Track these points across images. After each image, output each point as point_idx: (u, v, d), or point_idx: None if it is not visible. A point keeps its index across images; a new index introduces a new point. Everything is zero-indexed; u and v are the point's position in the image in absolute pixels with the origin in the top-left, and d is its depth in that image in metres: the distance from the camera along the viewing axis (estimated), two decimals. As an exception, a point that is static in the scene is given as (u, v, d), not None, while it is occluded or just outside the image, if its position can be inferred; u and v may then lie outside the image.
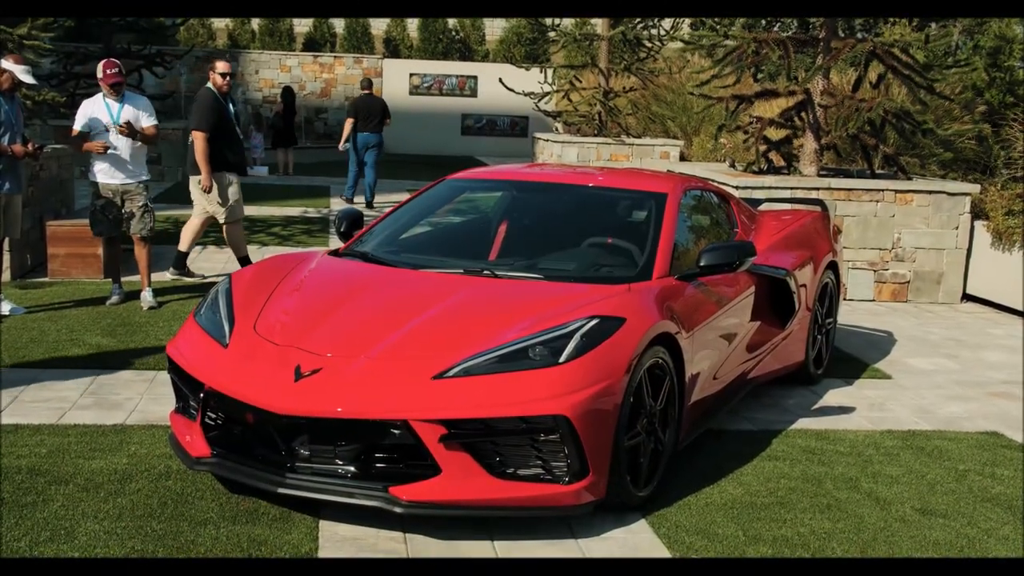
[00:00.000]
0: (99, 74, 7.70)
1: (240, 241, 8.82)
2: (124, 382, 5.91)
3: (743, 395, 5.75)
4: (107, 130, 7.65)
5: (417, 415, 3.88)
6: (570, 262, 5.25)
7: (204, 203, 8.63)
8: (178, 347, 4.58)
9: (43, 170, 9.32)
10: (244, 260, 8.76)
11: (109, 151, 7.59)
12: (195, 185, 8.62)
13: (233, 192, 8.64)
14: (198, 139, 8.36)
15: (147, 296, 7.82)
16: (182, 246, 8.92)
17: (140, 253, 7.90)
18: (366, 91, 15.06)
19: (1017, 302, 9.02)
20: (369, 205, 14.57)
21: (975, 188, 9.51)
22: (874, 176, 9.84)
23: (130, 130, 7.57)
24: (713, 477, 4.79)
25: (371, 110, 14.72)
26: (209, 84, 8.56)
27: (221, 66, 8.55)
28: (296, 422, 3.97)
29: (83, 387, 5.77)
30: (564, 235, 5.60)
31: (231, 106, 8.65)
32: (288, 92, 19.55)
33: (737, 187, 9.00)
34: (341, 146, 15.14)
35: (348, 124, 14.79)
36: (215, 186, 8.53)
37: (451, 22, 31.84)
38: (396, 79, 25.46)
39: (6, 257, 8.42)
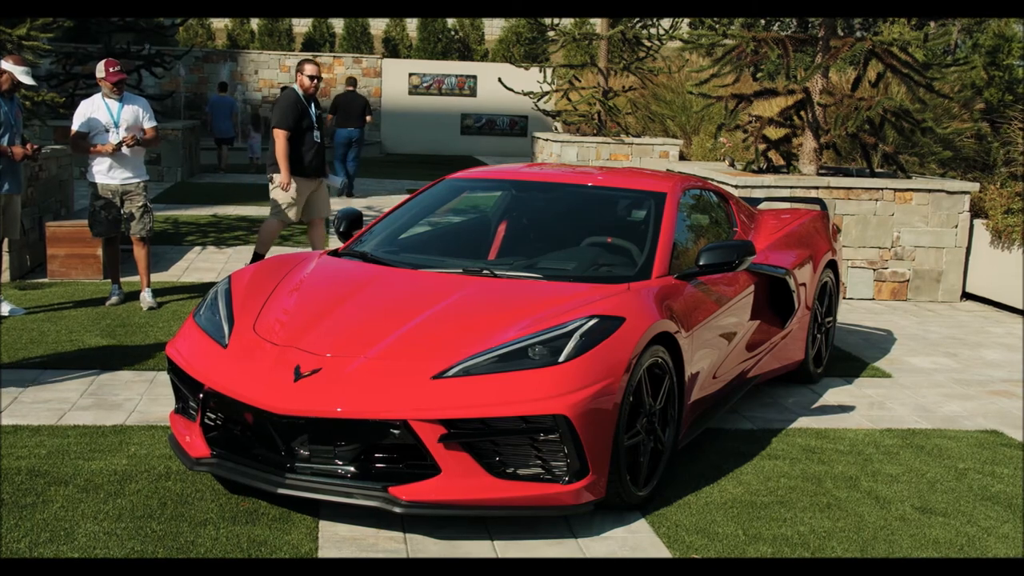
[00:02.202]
0: (101, 73, 7.67)
1: (269, 240, 8.55)
2: (124, 383, 5.91)
3: (743, 394, 5.75)
4: (107, 131, 7.65)
5: (417, 415, 3.87)
6: (569, 261, 5.25)
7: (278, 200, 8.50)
8: (177, 348, 4.58)
9: (42, 171, 9.32)
10: (257, 258, 8.55)
11: (118, 146, 7.57)
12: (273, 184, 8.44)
13: (294, 195, 8.36)
14: (279, 137, 8.20)
15: (147, 297, 7.82)
16: (260, 248, 8.66)
17: (139, 253, 7.89)
18: (349, 88, 16.42)
19: (1016, 300, 9.02)
20: (350, 194, 15.78)
21: (974, 186, 9.51)
22: (873, 175, 9.84)
23: (134, 140, 7.57)
24: (713, 476, 4.79)
25: (351, 107, 15.85)
26: (295, 84, 8.45)
27: (310, 69, 8.39)
28: (295, 422, 3.97)
29: (83, 388, 5.77)
30: (563, 234, 5.60)
31: (313, 108, 8.51)
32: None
33: (736, 186, 9.00)
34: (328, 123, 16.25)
35: (329, 120, 16.00)
36: (292, 185, 8.33)
37: (450, 22, 31.85)
38: (395, 79, 25.46)
39: (5, 258, 8.42)
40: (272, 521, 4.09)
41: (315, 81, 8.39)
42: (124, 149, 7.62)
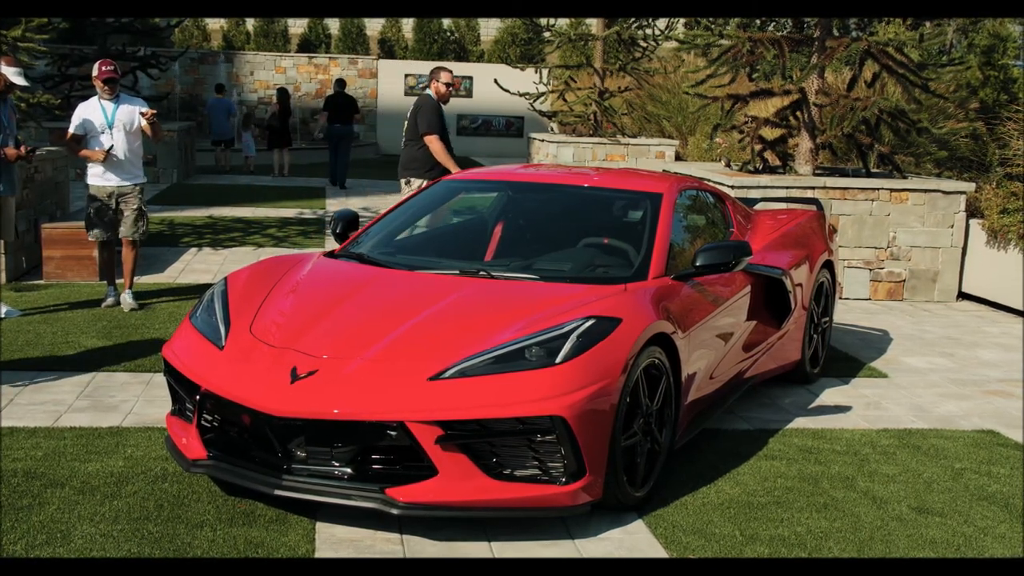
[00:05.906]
0: (94, 72, 7.69)
1: None
2: (120, 384, 5.90)
3: (739, 394, 5.75)
4: (101, 133, 7.63)
5: (413, 416, 3.87)
6: (566, 262, 5.25)
7: None
8: (174, 349, 4.58)
9: (38, 172, 9.31)
10: None
11: (108, 153, 7.57)
12: (409, 189, 8.58)
13: None
14: (433, 141, 8.44)
15: (127, 298, 7.80)
16: None
17: (127, 255, 7.87)
18: (339, 89, 17.76)
19: (1012, 300, 9.03)
20: (342, 186, 16.95)
21: (970, 186, 9.52)
22: (869, 175, 9.85)
23: (105, 157, 7.58)
24: (710, 477, 4.79)
25: (339, 106, 17.42)
26: (430, 91, 8.61)
27: (445, 76, 8.63)
28: (292, 424, 3.96)
29: (79, 389, 5.76)
30: (560, 235, 5.60)
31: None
32: (282, 93, 19.58)
33: (733, 186, 9.00)
34: (316, 134, 17.79)
35: (322, 117, 17.69)
36: None
37: (446, 23, 31.83)
38: (391, 80, 25.45)
39: (1, 260, 8.41)
40: (269, 523, 4.09)
41: (449, 88, 8.66)
42: (120, 143, 7.61)
